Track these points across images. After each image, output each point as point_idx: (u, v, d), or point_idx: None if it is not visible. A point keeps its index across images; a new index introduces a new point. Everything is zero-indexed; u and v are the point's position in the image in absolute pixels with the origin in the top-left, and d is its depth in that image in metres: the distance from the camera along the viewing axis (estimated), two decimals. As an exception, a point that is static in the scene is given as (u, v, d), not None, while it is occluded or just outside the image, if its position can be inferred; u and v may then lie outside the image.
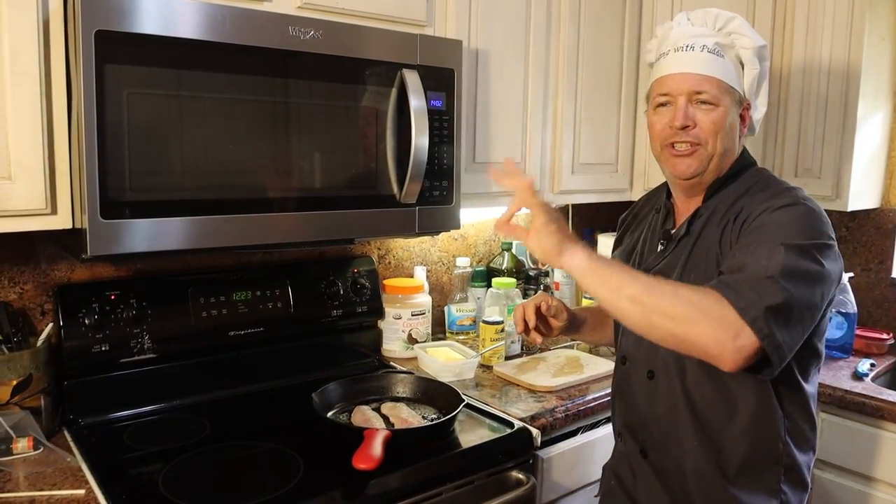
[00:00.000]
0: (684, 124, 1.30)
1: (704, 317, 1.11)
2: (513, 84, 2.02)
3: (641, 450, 1.42)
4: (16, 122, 1.26)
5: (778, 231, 1.19)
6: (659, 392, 1.37)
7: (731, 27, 1.34)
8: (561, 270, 1.36)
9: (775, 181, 1.35)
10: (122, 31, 1.28)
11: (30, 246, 1.64)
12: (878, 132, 2.31)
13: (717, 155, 1.32)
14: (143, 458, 1.46)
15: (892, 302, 2.45)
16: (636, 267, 1.45)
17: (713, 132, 1.30)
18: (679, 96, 1.32)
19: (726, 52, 1.32)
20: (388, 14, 1.72)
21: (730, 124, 1.32)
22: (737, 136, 1.35)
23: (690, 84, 1.31)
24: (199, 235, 1.41)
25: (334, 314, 1.99)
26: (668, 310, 1.12)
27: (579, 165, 2.24)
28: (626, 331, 1.46)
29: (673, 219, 1.44)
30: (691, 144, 1.31)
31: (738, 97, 1.33)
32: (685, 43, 1.33)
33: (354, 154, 1.62)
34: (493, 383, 1.92)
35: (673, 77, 1.33)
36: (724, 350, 1.11)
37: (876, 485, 1.95)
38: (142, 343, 1.67)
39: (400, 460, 1.40)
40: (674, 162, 1.35)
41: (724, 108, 1.31)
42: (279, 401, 1.80)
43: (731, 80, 1.32)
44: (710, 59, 1.31)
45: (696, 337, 1.12)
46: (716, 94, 1.30)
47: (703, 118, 1.30)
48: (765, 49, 1.34)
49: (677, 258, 1.36)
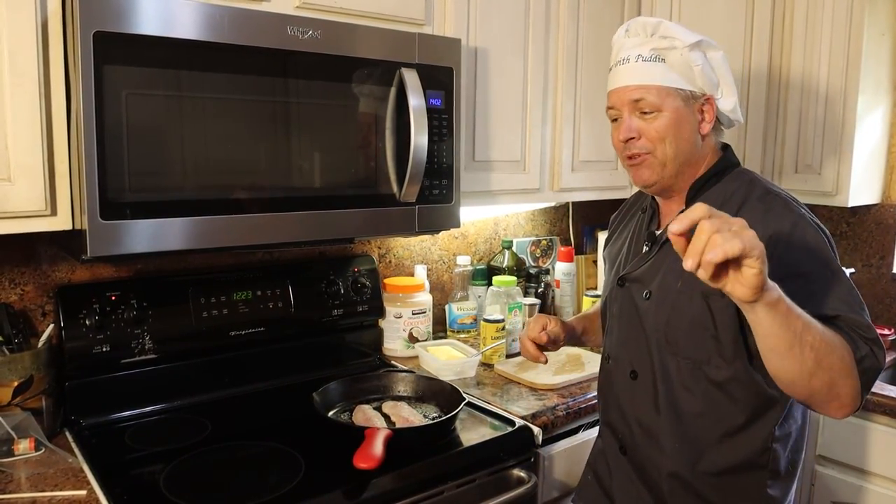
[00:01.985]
0: (628, 136, 1.32)
1: (850, 379, 1.10)
2: (512, 82, 2.02)
3: (620, 447, 1.42)
4: (15, 123, 1.26)
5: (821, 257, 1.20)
6: (641, 393, 1.37)
7: (661, 31, 1.33)
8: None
9: (760, 184, 1.33)
10: (120, 31, 1.27)
11: (30, 247, 1.64)
12: (878, 128, 2.31)
13: (671, 159, 1.31)
14: (145, 459, 1.46)
15: (894, 297, 2.45)
16: (622, 268, 1.46)
17: (659, 139, 1.30)
18: (623, 110, 1.33)
19: (667, 54, 1.31)
20: (386, 13, 1.72)
21: (680, 126, 1.31)
22: (694, 136, 1.33)
23: (629, 96, 1.31)
24: (199, 235, 1.41)
25: (335, 313, 1.99)
26: (834, 365, 1.07)
27: (579, 163, 2.24)
28: (610, 329, 1.47)
29: (658, 220, 1.44)
30: (640, 155, 1.32)
31: (686, 95, 1.31)
32: (623, 56, 1.34)
33: (354, 153, 1.62)
34: (494, 381, 1.92)
35: (614, 92, 1.35)
36: (848, 412, 1.13)
37: (877, 480, 1.95)
38: (143, 343, 1.67)
39: (401, 459, 1.40)
40: (632, 172, 1.36)
41: (669, 111, 1.29)
42: (280, 400, 1.80)
43: (673, 82, 1.30)
44: (645, 66, 1.31)
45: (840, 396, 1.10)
46: (654, 101, 1.29)
47: (647, 127, 1.31)
48: (703, 42, 1.32)
49: (661, 262, 1.35)
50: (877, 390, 1.93)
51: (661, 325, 1.32)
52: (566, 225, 2.79)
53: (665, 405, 1.32)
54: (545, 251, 2.71)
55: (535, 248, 2.67)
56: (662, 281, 1.33)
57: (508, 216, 2.59)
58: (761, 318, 1.01)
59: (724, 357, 1.25)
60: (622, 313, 1.42)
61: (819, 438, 2.04)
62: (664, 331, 1.32)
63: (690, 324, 1.28)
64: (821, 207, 2.44)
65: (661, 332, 1.32)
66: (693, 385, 1.29)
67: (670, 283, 1.31)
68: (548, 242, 2.72)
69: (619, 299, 1.44)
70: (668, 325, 1.31)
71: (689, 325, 1.28)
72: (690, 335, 1.28)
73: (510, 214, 2.60)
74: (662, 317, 1.32)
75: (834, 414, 1.13)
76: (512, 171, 2.06)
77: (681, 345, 1.29)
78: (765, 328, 1.02)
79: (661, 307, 1.33)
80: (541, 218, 2.71)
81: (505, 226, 2.59)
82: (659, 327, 1.33)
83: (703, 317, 1.25)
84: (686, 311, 1.28)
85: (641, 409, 1.37)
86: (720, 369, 1.26)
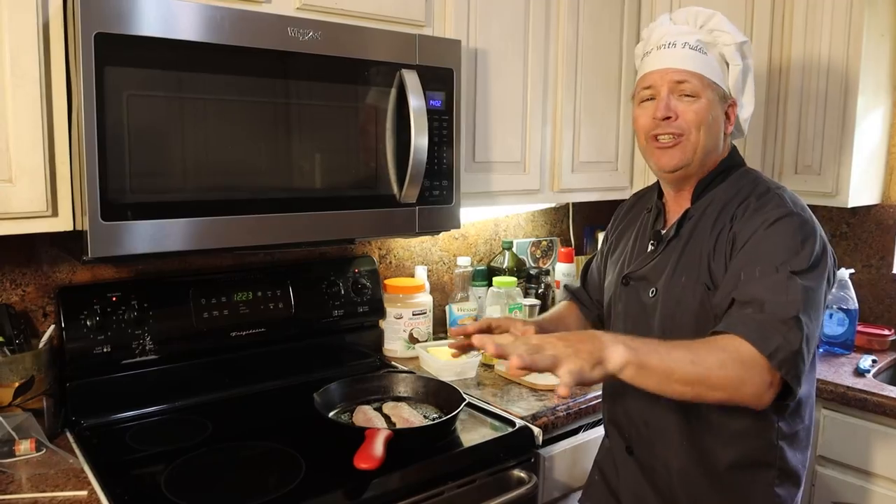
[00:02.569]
0: (666, 115, 1.32)
1: (744, 377, 1.12)
2: (512, 83, 2.02)
3: (627, 446, 1.42)
4: (16, 124, 1.27)
5: (783, 253, 1.20)
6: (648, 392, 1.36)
7: (711, 24, 1.35)
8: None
9: (763, 183, 1.35)
10: (121, 33, 1.28)
11: (31, 248, 1.64)
12: (877, 128, 2.31)
13: (701, 147, 1.32)
14: (146, 459, 1.47)
15: (894, 298, 2.45)
16: (626, 267, 1.45)
17: (696, 123, 1.31)
18: (661, 90, 1.33)
19: (709, 49, 1.33)
20: (386, 14, 1.72)
21: (713, 118, 1.33)
22: (721, 133, 1.36)
23: (673, 77, 1.32)
24: (200, 236, 1.42)
25: (335, 314, 1.99)
26: (716, 382, 1.12)
27: (579, 164, 2.24)
28: (615, 328, 1.46)
29: (664, 219, 1.44)
30: (675, 136, 1.32)
31: (721, 93, 1.34)
32: (667, 41, 1.34)
33: (354, 154, 1.62)
34: (494, 382, 1.93)
35: (656, 72, 1.35)
36: (761, 401, 1.15)
37: (878, 480, 1.95)
38: (143, 344, 1.67)
39: (401, 460, 1.40)
40: (658, 155, 1.35)
41: (707, 100, 1.32)
42: (281, 401, 1.80)
43: (713, 75, 1.33)
44: (692, 54, 1.32)
45: (741, 398, 1.14)
46: (697, 86, 1.31)
47: (686, 109, 1.31)
48: (746, 45, 1.35)
49: (667, 260, 1.36)
50: (877, 391, 1.93)
51: (668, 321, 1.33)
52: (566, 226, 2.79)
53: (672, 405, 1.32)
54: (545, 252, 2.71)
55: (535, 248, 2.68)
56: (668, 278, 1.33)
57: (509, 217, 2.59)
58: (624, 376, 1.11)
59: None
60: (628, 312, 1.42)
61: (819, 438, 2.04)
62: (670, 326, 1.32)
63: (695, 317, 1.29)
64: (821, 208, 2.44)
65: (668, 327, 1.32)
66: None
67: (676, 279, 1.32)
68: (548, 243, 2.72)
69: (623, 298, 1.44)
70: (674, 320, 1.32)
71: (694, 318, 1.29)
72: (695, 329, 1.28)
73: (510, 215, 2.60)
74: (668, 312, 1.33)
75: (753, 404, 1.15)
76: (512, 171, 2.06)
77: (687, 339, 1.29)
78: (631, 380, 1.12)
79: (666, 303, 1.33)
80: (541, 219, 2.71)
81: (505, 227, 2.59)
82: (665, 323, 1.33)
83: (705, 309, 1.27)
84: (690, 304, 1.29)
85: (648, 407, 1.37)
86: None
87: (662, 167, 1.36)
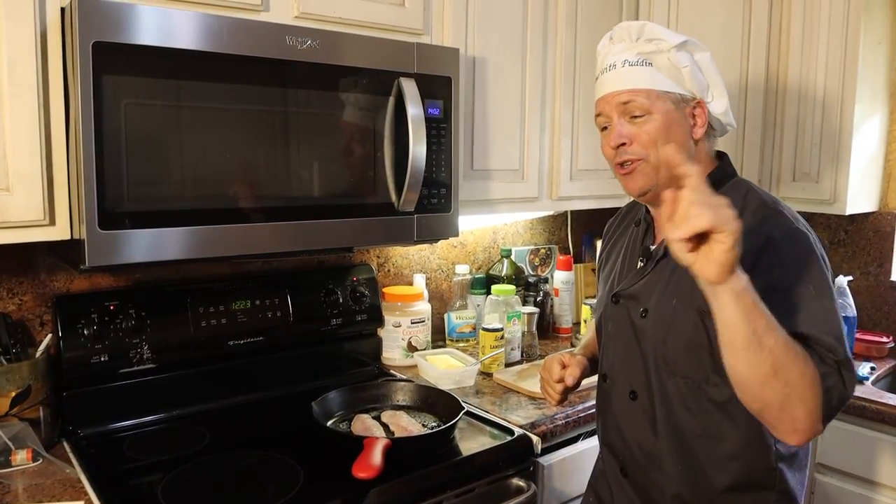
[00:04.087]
0: (618, 143, 1.28)
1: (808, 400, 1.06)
2: (510, 91, 2.03)
3: (621, 468, 1.39)
4: (14, 133, 1.27)
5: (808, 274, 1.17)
6: (641, 414, 1.33)
7: (645, 33, 1.31)
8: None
9: (757, 196, 1.30)
10: (119, 42, 1.28)
11: (28, 257, 1.64)
12: (875, 136, 2.32)
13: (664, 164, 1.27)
14: (143, 469, 1.46)
15: (892, 305, 2.45)
16: (616, 284, 1.42)
17: (651, 142, 1.26)
18: (612, 115, 1.30)
19: (654, 58, 1.29)
20: (384, 23, 1.72)
21: (671, 130, 1.27)
22: (689, 141, 1.30)
23: (618, 99, 1.28)
24: (198, 245, 1.41)
25: (334, 323, 1.98)
26: (792, 379, 1.04)
27: (577, 172, 2.24)
28: (606, 348, 1.43)
29: (653, 234, 1.40)
30: (633, 161, 1.28)
31: (676, 98, 1.28)
32: (609, 62, 1.32)
33: (352, 162, 1.62)
34: (493, 390, 1.92)
35: (602, 99, 1.32)
36: (803, 438, 1.10)
37: (877, 489, 1.94)
38: (141, 353, 1.67)
39: (400, 469, 1.40)
40: (624, 182, 1.32)
41: (660, 115, 1.27)
42: (279, 410, 1.80)
43: (662, 84, 1.28)
44: (633, 71, 1.28)
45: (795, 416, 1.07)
46: (644, 103, 1.27)
47: (638, 132, 1.27)
48: (689, 43, 1.30)
49: (657, 279, 1.32)
50: (876, 398, 1.93)
51: (659, 345, 1.29)
52: (565, 233, 2.79)
53: (665, 426, 1.29)
54: (544, 260, 2.71)
55: (533, 256, 2.67)
56: (659, 299, 1.29)
57: (507, 225, 2.60)
58: (723, 303, 1.00)
59: (721, 375, 1.17)
60: (618, 332, 1.39)
61: (818, 446, 2.03)
62: (661, 350, 1.28)
63: (687, 342, 1.24)
64: (819, 215, 2.45)
65: (659, 351, 1.29)
66: (693, 405, 1.26)
67: (666, 300, 1.28)
68: (546, 251, 2.72)
69: (613, 317, 1.40)
70: (665, 344, 1.28)
71: (686, 343, 1.25)
72: (687, 354, 1.25)
73: (509, 223, 2.60)
74: (660, 336, 1.28)
75: (787, 438, 1.10)
76: (510, 179, 2.06)
77: (679, 364, 1.26)
78: (725, 317, 1.01)
79: (657, 326, 1.29)
80: (539, 226, 2.71)
81: (503, 234, 2.59)
82: (657, 346, 1.29)
83: (699, 334, 1.22)
84: (682, 329, 1.25)
85: (641, 430, 1.34)
86: (719, 388, 1.22)
87: (630, 192, 1.33)
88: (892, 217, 2.43)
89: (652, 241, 1.40)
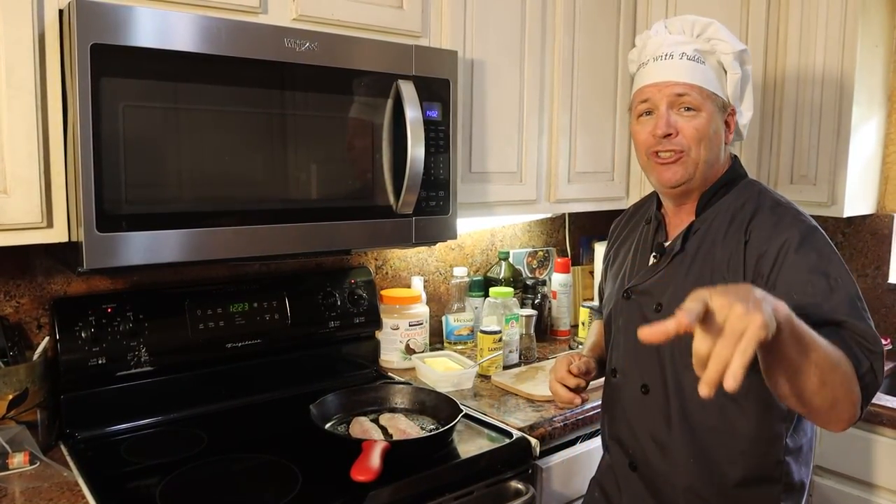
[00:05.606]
0: (666, 132, 1.29)
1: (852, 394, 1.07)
2: (508, 93, 2.03)
3: (631, 463, 1.39)
4: (11, 135, 1.26)
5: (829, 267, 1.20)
6: (653, 407, 1.34)
7: (709, 33, 1.33)
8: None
9: (769, 195, 1.33)
10: (117, 44, 1.28)
11: (26, 259, 1.63)
12: (872, 138, 2.32)
13: (703, 162, 1.30)
14: (140, 472, 1.46)
15: (890, 307, 2.45)
16: (627, 280, 1.43)
17: (696, 139, 1.28)
18: (660, 104, 1.30)
19: (707, 58, 1.31)
20: (383, 25, 1.72)
21: (714, 131, 1.31)
22: (722, 143, 1.34)
23: (673, 90, 1.29)
24: (196, 247, 1.41)
25: (332, 325, 1.98)
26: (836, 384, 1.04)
27: (576, 174, 2.24)
28: (616, 343, 1.44)
29: (665, 231, 1.41)
30: (675, 152, 1.30)
31: (721, 103, 1.32)
32: (664, 52, 1.32)
33: (351, 165, 1.62)
34: (491, 393, 1.92)
35: (654, 86, 1.32)
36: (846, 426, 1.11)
37: (875, 491, 1.94)
38: (139, 356, 1.66)
39: (398, 471, 1.39)
40: (659, 171, 1.32)
41: (707, 114, 1.29)
42: (277, 413, 1.80)
43: (712, 86, 1.30)
44: (690, 66, 1.30)
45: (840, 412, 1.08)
46: (697, 99, 1.28)
47: (686, 125, 1.29)
48: (745, 53, 1.33)
49: (672, 275, 1.33)
50: (875, 400, 1.92)
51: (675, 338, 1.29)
52: (563, 236, 2.79)
53: (678, 420, 1.30)
54: (542, 262, 2.71)
55: (531, 259, 2.68)
56: (675, 293, 1.30)
57: (505, 227, 2.60)
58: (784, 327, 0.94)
59: None
60: (630, 327, 1.38)
61: (817, 449, 2.03)
62: (677, 344, 1.27)
63: None
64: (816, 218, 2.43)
65: (675, 344, 1.27)
66: (708, 404, 1.26)
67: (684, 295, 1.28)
68: (544, 253, 2.72)
69: (624, 312, 1.41)
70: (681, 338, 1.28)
71: None
72: None
73: (507, 226, 2.60)
74: None
75: (833, 428, 1.12)
76: (508, 182, 2.06)
77: None
78: (777, 353, 0.97)
79: None
80: (537, 229, 2.71)
81: (501, 237, 2.59)
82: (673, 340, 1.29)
83: None
84: None
85: (653, 424, 1.34)
86: None
87: (664, 183, 1.33)
88: (890, 219, 2.43)
89: (665, 238, 1.41)
